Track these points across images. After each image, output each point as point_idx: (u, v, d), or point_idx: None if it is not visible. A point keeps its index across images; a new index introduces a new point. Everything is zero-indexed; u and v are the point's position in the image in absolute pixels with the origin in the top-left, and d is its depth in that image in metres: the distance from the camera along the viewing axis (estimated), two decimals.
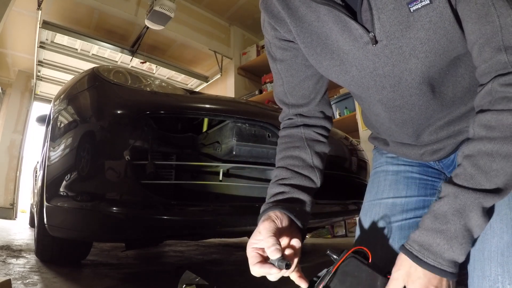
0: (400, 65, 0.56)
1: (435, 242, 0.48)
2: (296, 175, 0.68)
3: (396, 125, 0.69)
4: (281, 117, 0.78)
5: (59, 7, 3.74)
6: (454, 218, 0.47)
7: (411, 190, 0.77)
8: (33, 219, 2.61)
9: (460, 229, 0.47)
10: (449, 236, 0.47)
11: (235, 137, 1.18)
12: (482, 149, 0.47)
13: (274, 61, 0.72)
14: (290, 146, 0.72)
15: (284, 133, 0.75)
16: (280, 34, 0.67)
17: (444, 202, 0.49)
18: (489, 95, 0.48)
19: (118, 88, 1.18)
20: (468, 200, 0.47)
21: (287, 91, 0.73)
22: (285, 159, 0.71)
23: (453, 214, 0.47)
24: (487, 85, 0.49)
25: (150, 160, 1.04)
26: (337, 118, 3.44)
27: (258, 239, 0.55)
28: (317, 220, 1.41)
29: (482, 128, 0.48)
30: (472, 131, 0.50)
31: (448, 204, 0.48)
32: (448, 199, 0.49)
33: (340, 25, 0.57)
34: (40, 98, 5.65)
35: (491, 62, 0.48)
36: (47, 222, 1.20)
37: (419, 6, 0.50)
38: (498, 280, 0.50)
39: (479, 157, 0.47)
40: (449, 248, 0.47)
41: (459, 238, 0.47)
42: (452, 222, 0.47)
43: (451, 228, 0.47)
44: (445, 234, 0.47)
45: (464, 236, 0.47)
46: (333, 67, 0.63)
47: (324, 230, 3.23)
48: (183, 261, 1.77)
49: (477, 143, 0.48)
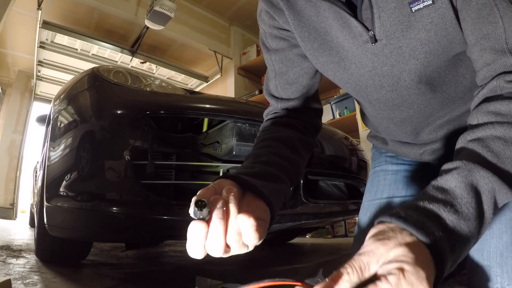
0: (399, 65, 0.56)
1: (442, 214, 0.35)
2: (271, 157, 0.56)
3: (395, 124, 0.69)
4: (267, 111, 0.71)
5: (59, 7, 3.74)
6: (465, 195, 0.36)
7: (410, 189, 0.77)
8: (33, 219, 2.61)
9: (472, 214, 0.35)
10: (459, 214, 0.35)
11: (235, 137, 1.18)
12: (493, 133, 0.40)
13: (268, 51, 0.69)
14: (270, 132, 0.64)
15: (266, 124, 0.68)
16: (277, 23, 0.65)
17: (450, 176, 0.38)
18: (494, 91, 0.44)
19: (118, 88, 1.18)
20: (482, 180, 0.37)
21: (278, 84, 0.69)
22: (263, 141, 0.61)
23: (465, 191, 0.36)
24: (490, 82, 0.45)
25: (150, 160, 1.04)
26: (337, 118, 3.43)
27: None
28: (317, 220, 1.41)
29: (490, 114, 0.42)
30: (476, 119, 0.44)
31: (456, 180, 0.37)
32: (458, 172, 0.38)
33: (340, 21, 0.56)
34: (40, 98, 5.64)
35: (494, 65, 0.45)
36: (47, 222, 1.20)
37: (421, 6, 0.49)
38: (497, 280, 0.50)
39: (490, 140, 0.39)
40: (460, 225, 0.35)
41: (471, 220, 0.35)
42: (464, 200, 0.36)
43: (463, 207, 0.35)
44: (454, 209, 0.35)
45: (474, 219, 0.35)
46: (330, 63, 0.62)
47: (324, 230, 3.23)
48: (183, 261, 1.77)
49: (486, 127, 0.41)
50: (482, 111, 0.43)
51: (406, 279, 0.29)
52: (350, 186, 1.61)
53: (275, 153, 0.57)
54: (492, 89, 0.45)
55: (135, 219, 1.05)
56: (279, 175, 0.53)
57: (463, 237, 0.35)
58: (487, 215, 0.37)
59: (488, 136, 0.40)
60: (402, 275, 0.29)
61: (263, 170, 0.51)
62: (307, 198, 1.25)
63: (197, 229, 0.36)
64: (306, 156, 0.66)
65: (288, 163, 0.57)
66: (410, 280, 0.29)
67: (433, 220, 0.34)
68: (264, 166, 0.52)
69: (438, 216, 0.35)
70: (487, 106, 0.43)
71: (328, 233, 3.22)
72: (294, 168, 0.58)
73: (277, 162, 0.55)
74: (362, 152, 1.74)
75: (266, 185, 0.46)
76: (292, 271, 0.96)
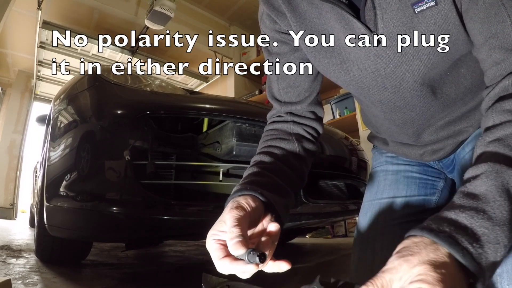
0: (403, 67, 0.55)
1: (474, 223, 0.33)
2: (279, 165, 0.59)
3: (396, 125, 0.69)
4: (270, 114, 0.72)
5: (59, 7, 3.74)
6: (498, 197, 0.34)
7: (411, 190, 0.77)
8: (33, 219, 2.61)
9: (507, 217, 0.34)
10: (493, 220, 0.33)
11: (235, 137, 1.18)
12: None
13: (270, 55, 0.69)
14: (276, 137, 0.65)
15: (271, 127, 0.69)
16: (279, 27, 0.65)
17: (479, 181, 0.36)
18: (506, 91, 0.43)
19: (118, 88, 1.18)
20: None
21: (281, 87, 0.69)
22: (269, 148, 0.63)
23: (497, 193, 0.35)
24: (502, 82, 0.44)
25: (150, 160, 1.04)
26: (337, 118, 3.43)
27: (221, 230, 0.45)
28: (317, 220, 1.41)
29: (506, 113, 0.41)
30: (492, 120, 0.42)
31: (486, 184, 0.36)
32: (486, 176, 0.36)
33: (343, 23, 0.56)
34: (40, 98, 5.64)
35: (504, 64, 0.44)
36: (47, 222, 1.20)
37: (424, 8, 0.49)
38: (496, 280, 0.50)
39: (511, 139, 0.38)
40: (494, 236, 0.33)
41: (507, 224, 0.33)
42: (497, 203, 0.34)
43: (496, 211, 0.34)
44: (488, 215, 0.33)
45: (509, 223, 0.33)
46: (332, 65, 0.62)
47: (324, 230, 3.23)
48: (183, 261, 1.77)
49: (504, 127, 0.40)
50: (497, 110, 0.43)
51: None
52: (350, 186, 1.61)
53: (282, 161, 0.60)
54: (504, 88, 0.44)
55: (135, 219, 1.05)
56: (287, 189, 0.57)
57: (500, 244, 0.33)
58: None
59: (508, 135, 0.39)
60: None
61: (276, 183, 0.55)
62: (307, 198, 1.25)
63: (252, 270, 0.43)
64: (310, 163, 0.67)
65: (294, 173, 0.60)
66: None
67: (465, 230, 0.33)
68: (274, 177, 0.56)
69: (471, 226, 0.33)
70: (502, 105, 0.42)
71: (328, 233, 3.22)
72: (299, 178, 0.62)
73: (285, 173, 0.58)
74: (362, 152, 1.74)
75: (279, 201, 0.52)
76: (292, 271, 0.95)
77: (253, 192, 0.49)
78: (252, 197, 0.49)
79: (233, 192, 0.51)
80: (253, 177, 0.55)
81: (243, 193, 0.50)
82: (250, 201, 0.48)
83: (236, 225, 0.43)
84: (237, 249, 0.41)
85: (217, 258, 0.43)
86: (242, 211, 0.45)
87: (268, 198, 0.50)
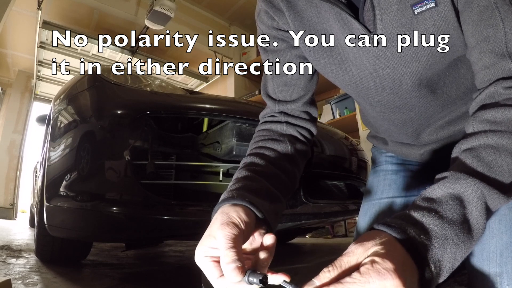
0: (401, 68, 0.55)
1: (425, 220, 0.37)
2: (270, 168, 0.57)
3: (395, 125, 0.68)
4: (263, 113, 0.70)
5: (59, 7, 3.74)
6: (450, 202, 0.38)
7: (411, 190, 0.77)
8: (33, 219, 2.61)
9: (458, 219, 0.37)
10: (444, 219, 0.37)
11: (235, 137, 1.18)
12: (485, 142, 0.41)
13: (266, 52, 0.68)
14: (268, 138, 0.63)
15: (263, 127, 0.68)
16: (276, 24, 0.64)
17: (438, 186, 0.40)
18: (492, 98, 0.45)
19: (118, 88, 1.18)
20: (470, 188, 0.38)
21: (276, 85, 0.67)
22: (260, 149, 0.61)
23: (450, 198, 0.38)
24: (488, 88, 0.45)
25: (150, 160, 1.04)
26: (337, 118, 3.43)
27: (212, 246, 0.42)
28: (317, 220, 1.41)
29: (485, 123, 0.43)
30: (472, 127, 0.45)
31: (443, 189, 0.39)
32: (444, 183, 0.40)
33: (341, 23, 0.56)
34: (40, 98, 5.65)
35: (493, 68, 0.45)
36: (47, 222, 1.20)
37: (424, 9, 0.49)
38: (496, 281, 0.50)
39: (482, 150, 0.41)
40: (443, 236, 0.36)
41: (457, 224, 0.37)
42: (449, 206, 0.38)
43: (447, 212, 0.37)
44: (439, 214, 0.37)
45: (460, 223, 0.37)
46: (331, 65, 0.62)
47: (324, 230, 3.23)
48: (183, 261, 1.77)
49: (479, 136, 0.42)
50: (477, 119, 0.44)
51: (374, 268, 0.31)
52: (350, 186, 1.61)
53: (274, 164, 0.58)
54: (489, 95, 0.45)
55: (135, 219, 1.05)
56: (278, 195, 0.55)
57: (449, 240, 0.36)
58: (478, 219, 0.38)
59: (480, 145, 0.41)
60: (371, 265, 0.32)
61: (267, 189, 0.53)
62: (307, 198, 1.25)
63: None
64: (302, 166, 0.66)
65: (286, 176, 0.59)
66: (377, 268, 0.31)
67: (415, 225, 0.36)
68: (266, 182, 0.54)
69: (421, 221, 0.37)
70: (483, 114, 0.44)
71: (328, 233, 3.22)
72: (291, 182, 0.60)
73: (277, 177, 0.57)
74: (362, 152, 1.74)
75: (269, 209, 0.50)
76: (292, 271, 0.96)
77: (245, 203, 0.46)
78: (244, 208, 0.45)
79: (223, 200, 0.48)
80: (243, 181, 0.52)
81: (233, 202, 0.47)
82: (243, 214, 0.44)
83: (231, 247, 0.40)
84: (235, 276, 0.38)
85: (215, 278, 0.41)
86: (234, 229, 0.41)
87: (261, 209, 0.47)
